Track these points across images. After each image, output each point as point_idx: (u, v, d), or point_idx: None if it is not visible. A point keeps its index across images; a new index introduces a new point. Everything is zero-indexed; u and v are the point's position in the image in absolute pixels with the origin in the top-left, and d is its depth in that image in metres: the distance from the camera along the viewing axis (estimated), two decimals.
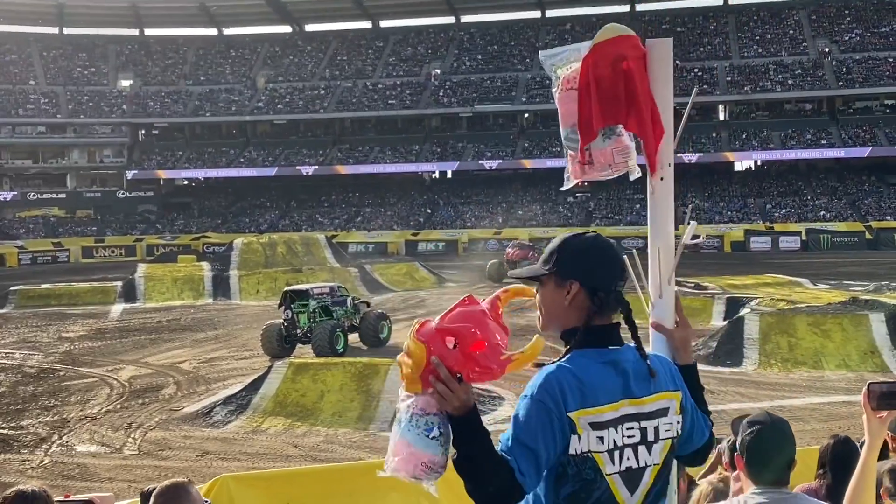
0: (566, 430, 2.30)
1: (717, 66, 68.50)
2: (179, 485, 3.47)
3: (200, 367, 20.27)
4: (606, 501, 2.35)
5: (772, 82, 65.79)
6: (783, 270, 36.21)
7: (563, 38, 75.87)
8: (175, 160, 73.84)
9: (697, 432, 2.62)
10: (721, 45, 71.44)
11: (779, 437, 2.90)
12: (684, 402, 2.53)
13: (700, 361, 18.70)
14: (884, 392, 2.55)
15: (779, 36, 71.08)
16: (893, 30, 68.52)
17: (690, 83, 67.09)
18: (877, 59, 65.43)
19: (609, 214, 63.48)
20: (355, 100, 73.22)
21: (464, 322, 2.28)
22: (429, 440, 2.26)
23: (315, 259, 40.32)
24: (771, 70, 66.74)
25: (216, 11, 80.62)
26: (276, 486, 7.77)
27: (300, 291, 22.78)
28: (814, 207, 60.36)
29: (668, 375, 2.54)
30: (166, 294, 35.09)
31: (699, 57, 70.19)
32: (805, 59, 67.53)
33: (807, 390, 16.19)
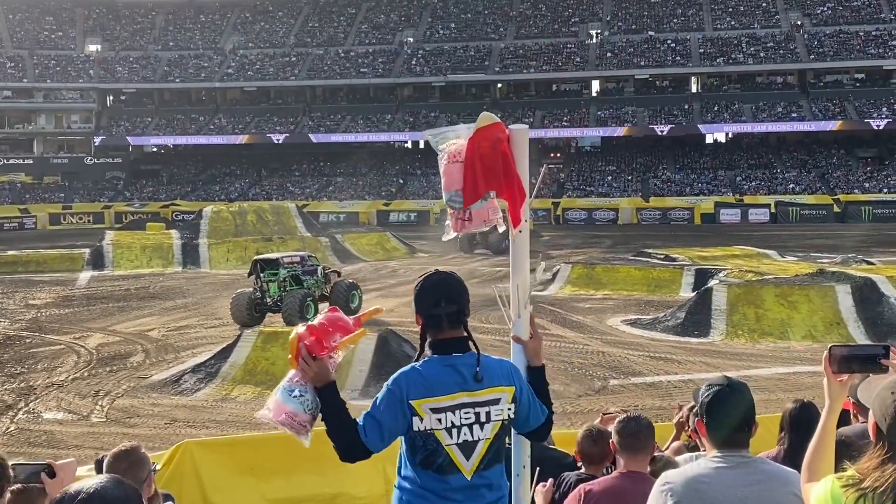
0: (407, 413, 3.21)
1: (689, 37, 68.57)
2: (133, 448, 3.60)
3: (169, 336, 20.19)
4: (449, 465, 3.23)
5: (744, 55, 65.99)
6: (752, 242, 36.55)
7: (538, 8, 75.63)
8: (144, 127, 73.01)
9: (533, 417, 3.43)
10: (694, 17, 71.47)
11: (737, 397, 2.95)
12: (518, 394, 3.34)
13: (668, 332, 18.97)
14: (844, 356, 2.59)
15: (752, 8, 71.19)
16: (865, 3, 68.85)
17: (663, 54, 67.19)
18: (848, 32, 65.78)
19: (581, 186, 63.64)
20: (327, 67, 72.63)
21: (324, 322, 3.37)
22: (291, 398, 3.25)
23: (285, 228, 40.13)
24: (743, 42, 66.93)
25: None
26: (240, 452, 7.76)
27: (270, 260, 22.68)
28: (783, 180, 60.86)
29: (504, 374, 3.34)
30: (135, 262, 34.83)
31: (672, 28, 70.20)
32: (777, 31, 67.76)
33: (773, 360, 16.40)
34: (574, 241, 43.88)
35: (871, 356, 2.59)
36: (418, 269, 31.61)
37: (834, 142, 64.03)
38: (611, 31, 71.43)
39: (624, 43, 69.29)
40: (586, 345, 18.01)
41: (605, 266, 27.83)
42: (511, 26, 74.25)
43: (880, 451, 2.21)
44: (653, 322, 20.10)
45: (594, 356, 16.92)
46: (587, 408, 13.18)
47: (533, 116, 66.65)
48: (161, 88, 74.65)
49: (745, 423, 2.95)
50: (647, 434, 3.93)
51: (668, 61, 66.73)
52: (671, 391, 14.08)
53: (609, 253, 36.50)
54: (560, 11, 74.75)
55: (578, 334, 19.22)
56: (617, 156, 67.44)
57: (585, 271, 27.17)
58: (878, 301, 18.90)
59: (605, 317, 21.45)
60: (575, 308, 22.74)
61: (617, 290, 25.40)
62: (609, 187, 63.06)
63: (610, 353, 17.19)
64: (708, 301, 19.59)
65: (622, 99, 68.41)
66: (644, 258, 30.64)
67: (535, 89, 70.95)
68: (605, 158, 67.87)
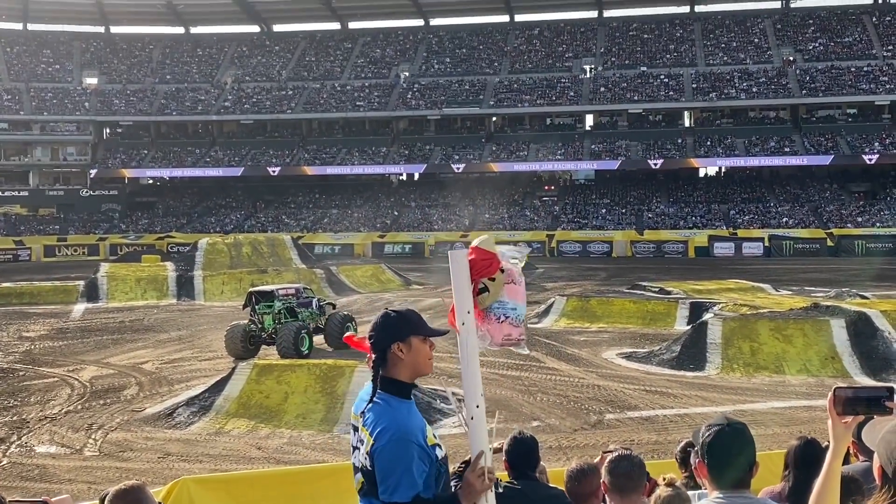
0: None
1: (682, 72, 69.13)
2: (134, 487, 3.48)
3: (163, 368, 20.06)
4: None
5: (736, 90, 66.50)
6: (746, 276, 36.58)
7: (532, 43, 76.24)
8: (140, 159, 73.16)
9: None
10: (687, 52, 72.11)
11: (738, 438, 2.93)
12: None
13: (663, 365, 18.91)
14: (849, 397, 2.56)
15: (744, 44, 71.89)
16: (856, 40, 69.59)
17: (656, 89, 67.67)
18: (840, 68, 66.38)
19: (575, 219, 63.79)
20: (323, 101, 72.98)
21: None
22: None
23: (281, 260, 40.10)
24: (736, 77, 67.46)
25: (183, 10, 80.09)
26: (238, 489, 7.67)
27: (265, 292, 22.62)
28: (777, 214, 61.08)
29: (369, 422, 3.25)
30: (129, 294, 34.72)
31: (665, 63, 70.78)
32: (769, 67, 68.35)
33: (768, 395, 16.33)
34: (569, 274, 43.86)
35: (875, 398, 2.57)
36: (413, 301, 31.55)
37: (826, 176, 64.36)
38: (604, 66, 71.98)
39: (617, 78, 69.81)
40: (581, 378, 17.94)
41: (600, 299, 27.79)
42: (505, 61, 74.77)
43: (886, 494, 2.18)
44: (648, 355, 20.04)
45: (590, 390, 16.84)
46: (583, 442, 13.10)
47: (527, 149, 66.95)
48: (158, 121, 74.90)
49: (747, 464, 2.93)
50: (638, 473, 3.88)
51: (661, 96, 67.21)
52: (667, 425, 14.00)
53: (604, 285, 36.47)
54: (554, 47, 75.35)
55: (574, 367, 19.14)
56: (611, 189, 67.68)
57: (580, 304, 27.11)
58: (873, 335, 18.86)
59: (601, 350, 21.39)
60: (570, 341, 22.67)
61: (612, 322, 25.34)
62: (603, 220, 63.21)
63: (605, 386, 17.11)
64: (703, 335, 19.54)
65: (616, 133, 68.80)
66: (639, 291, 30.61)
67: (529, 123, 71.32)
68: (600, 191, 68.09)
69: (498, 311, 3.29)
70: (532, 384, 17.06)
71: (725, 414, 3.14)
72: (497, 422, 3.62)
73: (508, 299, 3.31)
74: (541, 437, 12.56)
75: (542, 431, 13.64)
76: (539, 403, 15.64)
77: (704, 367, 18.49)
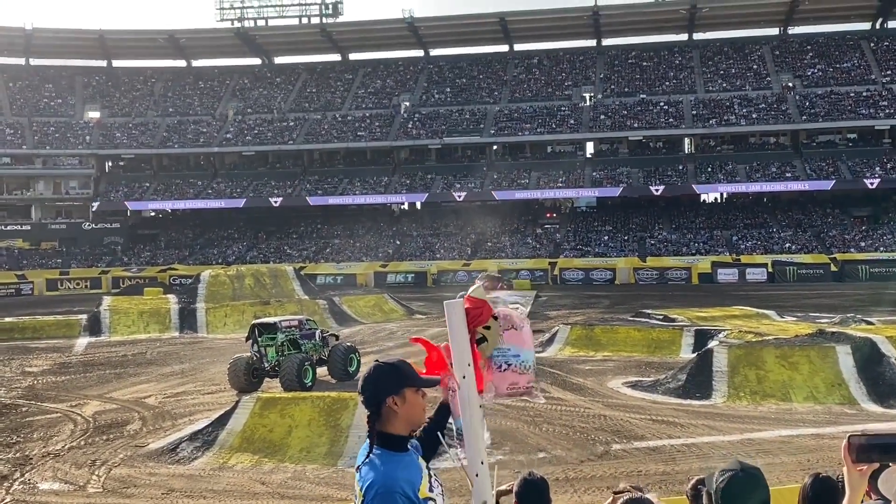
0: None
1: (682, 99, 69.43)
2: None
3: (166, 402, 19.98)
4: None
5: (736, 116, 66.74)
6: (750, 302, 36.47)
7: (531, 72, 76.63)
8: (142, 192, 73.37)
9: None
10: (686, 80, 72.45)
11: (752, 484, 2.89)
12: None
13: (669, 394, 18.82)
14: (863, 445, 2.51)
15: (743, 70, 72.24)
16: (855, 65, 69.93)
17: (656, 116, 67.91)
18: (839, 93, 66.65)
19: (578, 246, 63.79)
20: (324, 132, 73.29)
21: None
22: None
23: (283, 291, 40.06)
24: (735, 104, 67.74)
25: (185, 43, 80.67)
26: None
27: (268, 324, 22.58)
28: (779, 239, 61.07)
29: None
30: (132, 327, 34.66)
31: (665, 91, 71.10)
32: (769, 93, 68.64)
33: (776, 423, 16.23)
34: (572, 302, 43.78)
35: (890, 445, 2.51)
36: (416, 331, 31.48)
37: (828, 201, 64.42)
38: (604, 94, 72.32)
39: (617, 105, 70.11)
40: (587, 408, 17.84)
41: (604, 327, 27.71)
42: (505, 90, 75.13)
43: None
44: (654, 384, 19.95)
45: (596, 420, 16.75)
46: (590, 473, 13.00)
47: (528, 177, 67.09)
48: (160, 154, 75.19)
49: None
50: None
51: (661, 123, 67.46)
52: (675, 456, 13.91)
53: (607, 313, 36.38)
54: (553, 75, 75.76)
55: (579, 397, 19.05)
56: (613, 216, 67.75)
57: (584, 332, 27.04)
58: (879, 361, 18.79)
59: (606, 379, 21.30)
60: (575, 370, 22.58)
61: (617, 351, 25.26)
62: (606, 247, 63.22)
63: (611, 416, 17.01)
64: (709, 363, 19.46)
65: (617, 160, 69.01)
66: (643, 319, 30.55)
67: (530, 151, 71.54)
68: (602, 219, 68.16)
69: (499, 359, 3.20)
70: (537, 414, 16.96)
71: (738, 458, 3.10)
72: (498, 473, 3.55)
73: (509, 345, 3.21)
74: (547, 469, 12.47)
75: (548, 463, 13.55)
76: (544, 434, 15.55)
77: (711, 395, 18.40)
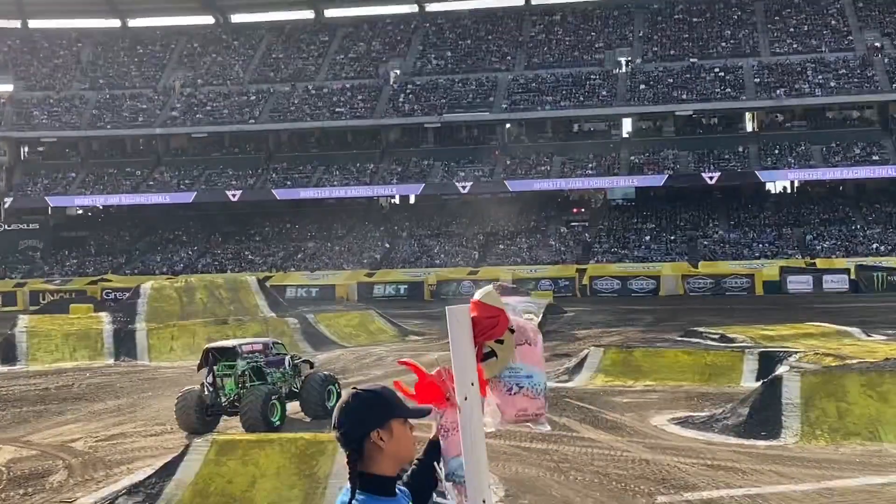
0: None
1: (742, 64, 69.45)
2: None
3: (98, 447, 19.99)
4: None
5: (810, 84, 66.76)
6: (829, 317, 36.46)
7: (553, 31, 76.72)
8: (67, 184, 73.40)
9: None
10: (747, 40, 72.49)
11: None
12: None
13: (728, 433, 18.86)
14: None
15: (818, 28, 72.29)
16: None
17: (710, 85, 67.93)
18: None
19: (612, 248, 63.83)
20: (294, 107, 73.36)
21: None
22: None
23: (244, 307, 40.05)
24: (809, 70, 67.78)
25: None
26: None
27: (226, 349, 22.57)
28: (864, 239, 61.08)
29: None
30: (55, 354, 34.65)
31: (720, 54, 71.16)
32: (851, 56, 68.66)
33: (861, 468, 16.23)
34: (606, 318, 43.78)
35: None
36: (410, 356, 31.48)
37: None
38: (644, 59, 72.39)
39: (661, 72, 70.16)
40: (625, 451, 17.85)
41: (646, 350, 27.73)
42: (521, 54, 75.22)
43: None
44: (708, 420, 19.96)
45: (636, 465, 16.75)
46: None
47: (550, 163, 67.14)
48: (88, 136, 75.26)
49: None
50: None
51: (716, 94, 67.48)
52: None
53: (650, 333, 36.39)
54: (581, 35, 75.81)
55: (615, 437, 19.07)
56: (656, 211, 67.79)
57: (621, 356, 27.04)
58: None
59: (648, 414, 21.31)
60: (609, 403, 22.59)
61: (661, 379, 25.26)
62: (647, 250, 63.26)
63: (656, 460, 17.02)
64: (777, 393, 19.45)
65: (660, 140, 69.06)
66: (694, 339, 30.57)
67: (551, 130, 71.59)
68: (642, 214, 68.20)
69: (510, 380, 3.24)
70: (563, 459, 16.97)
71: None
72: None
73: (522, 365, 3.25)
74: None
75: None
76: (572, 484, 15.55)
77: (780, 434, 18.39)
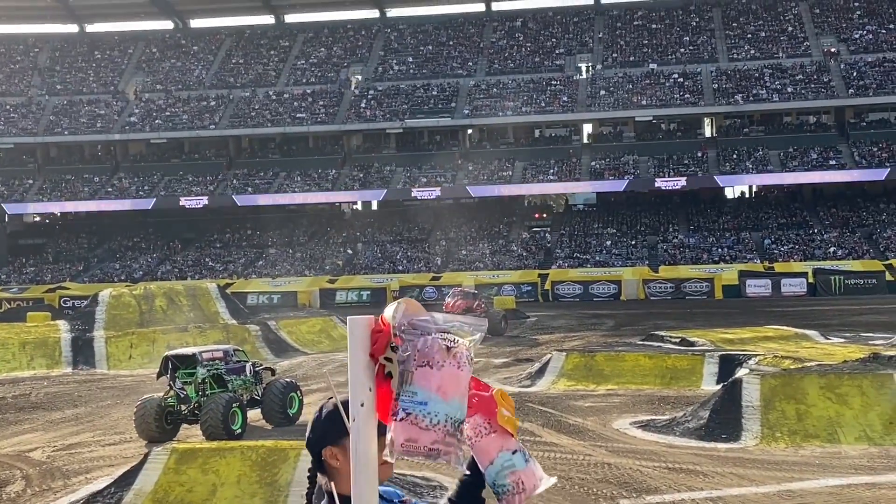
0: None
1: (700, 70, 69.94)
2: None
3: (56, 457, 19.79)
4: None
5: (767, 90, 67.31)
6: (787, 321, 36.75)
7: (514, 37, 76.95)
8: (23, 191, 72.72)
9: None
10: (706, 45, 73.04)
11: None
12: None
13: (689, 436, 18.92)
14: None
15: (775, 34, 72.94)
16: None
17: (669, 91, 68.35)
18: (894, 60, 67.36)
19: (574, 253, 64.03)
20: (254, 113, 73.10)
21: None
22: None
23: (204, 314, 39.90)
24: (766, 75, 68.34)
25: (76, 3, 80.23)
26: None
27: (185, 357, 22.44)
28: (822, 243, 61.59)
29: None
30: (11, 363, 34.34)
31: (679, 59, 71.64)
32: (807, 61, 69.30)
33: (821, 470, 16.33)
34: (567, 323, 43.91)
35: None
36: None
37: (882, 194, 65.11)
38: (604, 65, 72.73)
39: (621, 78, 70.51)
40: (588, 455, 17.88)
41: (608, 354, 27.79)
42: (482, 60, 75.36)
43: None
44: (669, 424, 20.03)
45: (598, 469, 16.78)
46: None
47: (512, 168, 67.29)
48: (45, 142, 74.61)
49: None
50: None
51: (675, 99, 67.90)
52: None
53: (612, 337, 36.52)
54: (542, 41, 76.08)
55: (577, 441, 19.09)
56: (617, 216, 68.08)
57: (583, 361, 27.10)
58: None
59: (610, 418, 21.36)
60: (571, 408, 22.63)
61: (623, 383, 25.34)
62: (609, 254, 63.50)
63: (618, 464, 17.06)
64: (737, 396, 19.54)
65: (621, 146, 69.38)
66: (656, 343, 30.69)
67: (513, 136, 71.77)
68: (603, 219, 68.47)
69: (405, 402, 2.97)
70: None
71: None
72: None
73: (417, 389, 2.96)
74: None
75: None
76: None
77: (740, 436, 18.48)
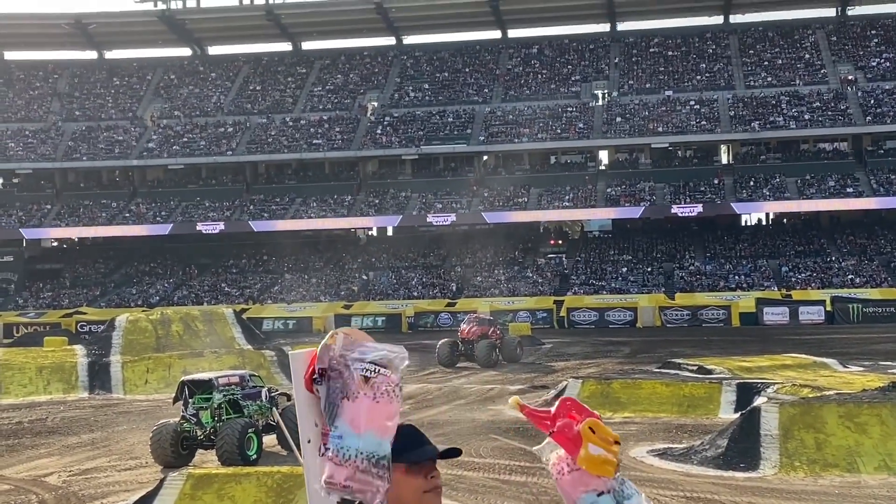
0: None
1: (717, 97, 69.91)
2: None
3: (72, 482, 19.79)
4: None
5: (784, 117, 67.22)
6: (805, 349, 36.55)
7: (530, 64, 77.09)
8: (42, 216, 73.00)
9: None
10: (722, 73, 73.02)
11: None
12: None
13: (707, 465, 18.84)
14: None
15: (792, 61, 72.89)
16: None
17: (686, 118, 68.33)
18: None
19: (589, 280, 63.89)
20: (271, 139, 73.31)
21: None
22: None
23: (220, 340, 39.87)
24: (783, 102, 68.26)
25: (96, 30, 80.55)
26: None
27: (202, 382, 22.44)
28: (840, 270, 61.33)
29: None
30: (28, 387, 34.37)
31: (696, 87, 71.60)
32: (825, 88, 69.21)
33: (840, 499, 16.23)
34: (583, 350, 43.80)
35: None
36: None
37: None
38: (620, 91, 72.78)
39: (637, 105, 70.53)
40: None
41: (624, 381, 27.70)
42: (498, 87, 75.50)
43: None
44: (687, 452, 19.94)
45: None
46: None
47: (527, 195, 67.28)
48: (64, 168, 74.95)
49: None
50: None
51: (691, 127, 67.83)
52: None
53: (628, 364, 36.40)
54: (558, 68, 76.19)
55: None
56: (633, 242, 67.95)
57: (599, 388, 27.01)
58: None
59: (627, 446, 21.26)
60: None
61: (640, 411, 25.25)
62: (624, 281, 63.34)
63: None
64: (755, 425, 19.45)
65: (637, 173, 69.31)
66: (672, 370, 30.58)
67: (529, 162, 71.78)
68: (619, 246, 68.35)
69: (332, 437, 2.88)
70: (542, 492, 16.88)
71: None
72: None
73: (339, 423, 2.87)
74: None
75: None
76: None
77: (758, 465, 18.39)
